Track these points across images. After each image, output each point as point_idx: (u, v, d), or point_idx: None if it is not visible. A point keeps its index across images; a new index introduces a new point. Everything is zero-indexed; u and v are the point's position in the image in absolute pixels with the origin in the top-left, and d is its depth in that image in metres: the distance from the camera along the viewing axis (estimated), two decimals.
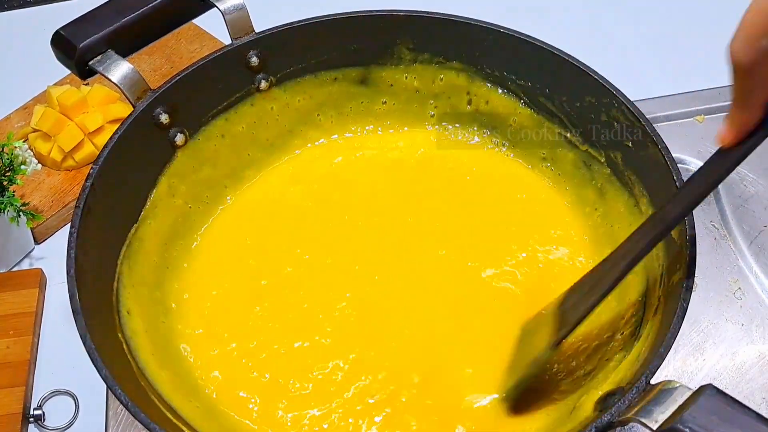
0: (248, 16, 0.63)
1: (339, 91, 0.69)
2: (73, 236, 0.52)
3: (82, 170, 0.78)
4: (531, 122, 0.67)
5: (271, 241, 0.64)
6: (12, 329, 0.67)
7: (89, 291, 0.52)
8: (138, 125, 0.59)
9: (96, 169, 0.56)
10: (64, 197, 0.76)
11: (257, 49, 0.64)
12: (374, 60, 0.68)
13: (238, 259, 0.63)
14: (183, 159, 0.63)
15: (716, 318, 0.66)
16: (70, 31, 0.58)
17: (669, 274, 0.53)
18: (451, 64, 0.67)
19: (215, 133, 0.65)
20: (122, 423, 0.61)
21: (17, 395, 0.63)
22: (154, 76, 0.85)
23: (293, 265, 0.62)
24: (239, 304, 0.61)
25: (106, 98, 0.78)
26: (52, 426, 0.63)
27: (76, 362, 0.54)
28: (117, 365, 0.50)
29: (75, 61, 0.57)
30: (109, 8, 0.60)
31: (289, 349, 0.58)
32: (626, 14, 0.94)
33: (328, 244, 0.64)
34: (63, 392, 0.65)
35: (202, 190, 0.66)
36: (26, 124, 0.80)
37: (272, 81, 0.66)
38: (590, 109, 0.62)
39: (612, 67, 0.63)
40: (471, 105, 0.69)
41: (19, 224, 0.70)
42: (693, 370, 0.63)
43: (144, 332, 0.57)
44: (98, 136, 0.77)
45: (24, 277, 0.71)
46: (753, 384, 0.63)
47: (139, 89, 0.59)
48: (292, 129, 0.69)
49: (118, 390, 0.46)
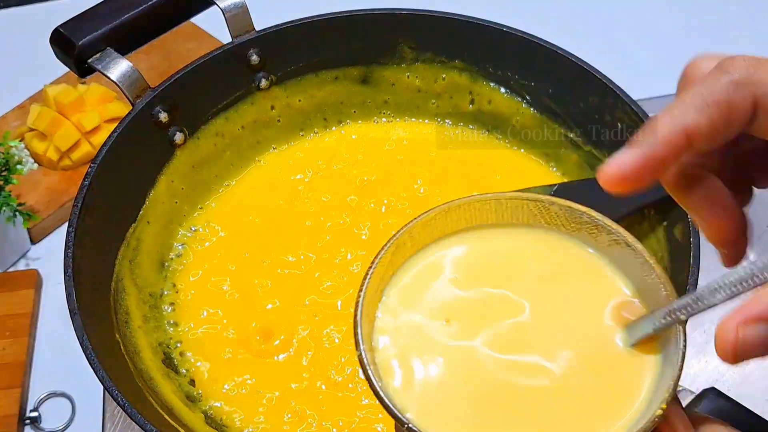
0: (248, 14, 0.62)
1: (340, 90, 0.68)
2: (71, 235, 0.52)
3: (78, 170, 0.77)
4: (534, 122, 0.66)
5: (271, 240, 0.64)
6: (8, 330, 0.66)
7: (87, 291, 0.51)
8: (137, 124, 0.59)
9: (94, 168, 0.55)
10: (61, 197, 0.75)
11: (258, 48, 0.63)
12: (375, 59, 0.67)
13: (239, 259, 0.63)
14: (182, 158, 0.63)
15: (719, 319, 0.66)
16: (70, 28, 0.58)
17: (673, 275, 0.52)
18: (453, 63, 0.67)
19: (215, 131, 0.65)
20: (119, 425, 0.61)
21: (13, 397, 0.62)
22: (152, 74, 0.84)
23: (296, 263, 0.62)
24: (240, 303, 0.60)
25: (103, 97, 0.78)
26: (48, 428, 0.63)
27: (73, 364, 0.54)
28: (114, 366, 0.49)
29: (74, 58, 0.57)
30: (109, 6, 0.59)
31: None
32: (629, 13, 0.94)
33: (329, 243, 0.63)
34: (59, 394, 0.64)
35: (202, 189, 0.65)
36: (22, 124, 0.80)
37: (273, 79, 0.66)
38: (594, 109, 0.61)
39: (615, 66, 0.62)
40: (473, 104, 0.68)
41: (16, 224, 0.69)
42: (695, 372, 0.63)
43: (142, 333, 0.56)
44: (95, 135, 0.76)
45: (20, 277, 0.70)
46: (756, 386, 0.62)
47: (138, 87, 0.58)
48: (292, 128, 0.69)
49: (115, 391, 0.46)
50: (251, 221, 0.65)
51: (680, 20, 0.92)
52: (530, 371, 0.35)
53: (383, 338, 0.36)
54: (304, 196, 0.67)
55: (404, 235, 0.37)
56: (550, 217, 0.38)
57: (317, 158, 0.69)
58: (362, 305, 0.35)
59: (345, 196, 0.66)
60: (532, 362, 0.35)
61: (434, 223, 0.38)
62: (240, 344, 0.58)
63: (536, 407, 0.34)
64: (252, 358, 0.57)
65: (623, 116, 0.59)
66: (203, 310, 0.60)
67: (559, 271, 0.38)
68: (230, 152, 0.67)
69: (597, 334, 0.36)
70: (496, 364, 0.35)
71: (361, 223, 0.64)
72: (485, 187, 0.66)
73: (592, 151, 0.63)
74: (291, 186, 0.67)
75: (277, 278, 0.61)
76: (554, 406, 0.34)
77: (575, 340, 0.36)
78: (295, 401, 0.55)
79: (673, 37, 0.90)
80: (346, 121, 0.71)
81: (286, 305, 0.60)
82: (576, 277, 0.38)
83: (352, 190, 0.66)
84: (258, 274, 0.62)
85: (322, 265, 0.62)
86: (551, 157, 0.67)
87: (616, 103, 0.59)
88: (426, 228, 0.38)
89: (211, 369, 0.57)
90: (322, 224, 0.64)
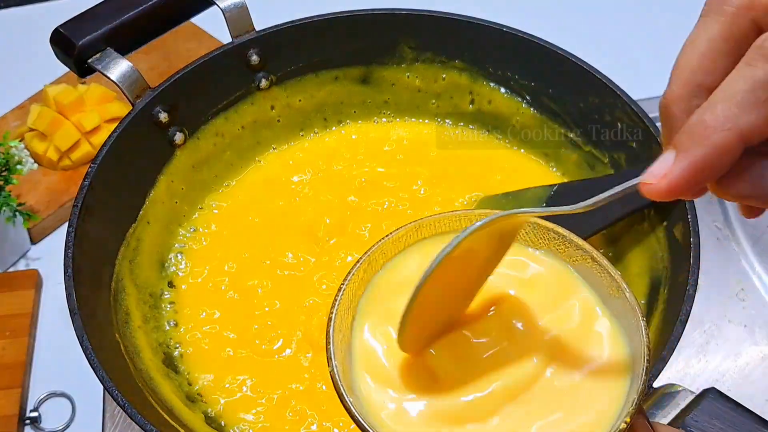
0: (248, 14, 0.62)
1: (340, 90, 0.68)
2: (71, 235, 0.52)
3: (78, 170, 0.77)
4: (534, 122, 0.66)
5: (271, 240, 0.63)
6: (8, 330, 0.66)
7: (87, 291, 0.51)
8: (137, 124, 0.59)
9: (95, 168, 0.55)
10: (61, 197, 0.75)
11: (258, 48, 0.63)
12: (376, 59, 0.67)
13: (238, 259, 0.63)
14: (182, 158, 0.63)
15: (719, 319, 0.66)
16: (70, 28, 0.58)
17: (674, 275, 0.52)
18: (453, 63, 0.67)
19: (215, 131, 0.65)
20: (119, 425, 0.61)
21: (13, 397, 0.62)
22: (152, 74, 0.84)
23: (296, 264, 0.62)
24: (240, 304, 0.60)
25: (103, 97, 0.78)
26: (48, 428, 0.63)
27: (73, 364, 0.54)
28: (114, 366, 0.49)
29: (74, 58, 0.57)
30: (109, 6, 0.59)
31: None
32: (629, 13, 0.94)
33: (329, 244, 0.63)
34: (59, 394, 0.64)
35: (202, 189, 0.65)
36: (22, 124, 0.80)
37: (273, 80, 0.66)
38: (594, 109, 0.61)
39: (615, 66, 0.62)
40: (473, 104, 0.68)
41: (16, 224, 0.69)
42: (696, 372, 0.63)
43: (142, 333, 0.56)
44: (95, 135, 0.76)
45: (20, 277, 0.70)
46: (756, 385, 0.62)
47: (139, 88, 0.58)
48: (292, 128, 0.69)
49: (115, 391, 0.46)
50: (251, 221, 0.65)
51: (680, 20, 0.92)
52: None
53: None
54: (304, 196, 0.66)
55: (376, 252, 0.38)
56: (522, 233, 0.39)
57: (317, 158, 0.69)
58: (334, 322, 0.36)
59: (345, 196, 0.66)
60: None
61: (405, 239, 0.39)
62: (240, 344, 0.58)
63: (507, 407, 0.35)
64: (252, 358, 0.57)
65: (623, 116, 0.59)
66: (203, 311, 0.60)
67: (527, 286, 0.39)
68: (230, 152, 0.67)
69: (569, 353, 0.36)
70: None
71: (362, 223, 0.64)
72: (485, 187, 0.66)
73: (592, 151, 0.63)
74: (291, 186, 0.67)
75: (277, 279, 0.61)
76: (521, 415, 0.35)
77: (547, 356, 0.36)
78: (295, 401, 0.55)
79: (673, 37, 0.90)
80: (346, 121, 0.71)
81: (286, 306, 0.60)
82: (545, 290, 0.38)
83: (352, 190, 0.66)
84: (258, 275, 0.62)
85: (322, 266, 0.62)
86: (551, 157, 0.67)
87: (616, 103, 0.59)
88: (397, 244, 0.39)
89: (211, 369, 0.57)
90: (322, 224, 0.64)
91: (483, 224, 0.33)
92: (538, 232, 0.39)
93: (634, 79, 0.64)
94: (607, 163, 0.62)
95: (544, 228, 0.38)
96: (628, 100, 0.58)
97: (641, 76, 0.83)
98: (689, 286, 0.49)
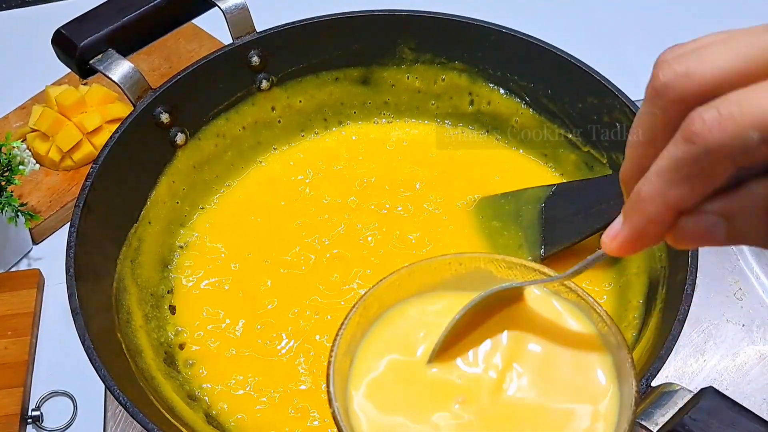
0: (249, 16, 0.63)
1: (340, 90, 0.69)
2: (73, 235, 0.52)
3: (80, 170, 0.77)
4: (533, 123, 0.66)
5: (272, 240, 0.64)
6: (10, 330, 0.67)
7: (88, 291, 0.52)
8: (138, 124, 0.59)
9: (96, 168, 0.55)
10: (63, 197, 0.76)
11: (258, 49, 0.64)
12: (376, 60, 0.68)
13: (240, 259, 0.63)
14: (183, 158, 0.63)
15: (717, 319, 0.66)
16: (71, 29, 0.58)
17: (672, 275, 0.53)
18: (453, 64, 0.67)
19: (216, 132, 0.65)
20: (121, 424, 0.61)
21: (15, 396, 0.63)
22: (153, 75, 0.84)
23: (297, 263, 0.62)
24: (241, 303, 0.60)
25: (105, 98, 0.78)
26: (50, 427, 0.63)
27: (75, 363, 0.54)
28: (115, 365, 0.49)
29: (75, 60, 0.57)
30: (110, 7, 0.60)
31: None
32: (629, 14, 0.94)
33: (330, 244, 0.63)
34: (61, 393, 0.65)
35: (203, 189, 0.65)
36: (24, 124, 0.80)
37: (273, 80, 0.66)
38: (592, 109, 0.62)
39: (615, 66, 0.63)
40: (473, 105, 0.69)
41: (17, 224, 0.69)
42: (694, 371, 0.63)
43: (143, 332, 0.56)
44: (97, 136, 0.77)
45: (22, 277, 0.70)
46: (754, 385, 0.63)
47: (140, 88, 0.59)
48: (293, 128, 0.69)
49: (116, 390, 0.46)
50: (252, 221, 0.65)
51: (680, 20, 0.92)
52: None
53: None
54: (304, 196, 0.67)
55: (370, 298, 0.40)
56: (512, 272, 0.41)
57: (318, 159, 0.69)
58: (334, 364, 0.37)
59: (346, 196, 0.66)
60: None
61: (399, 283, 0.41)
62: (241, 343, 0.58)
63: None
64: (254, 357, 0.57)
65: (622, 116, 0.59)
66: (204, 310, 0.60)
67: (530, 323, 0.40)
68: (231, 153, 0.67)
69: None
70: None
71: (362, 224, 0.64)
72: (485, 187, 0.66)
73: (590, 152, 0.64)
74: (292, 186, 0.67)
75: (279, 278, 0.61)
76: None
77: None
78: (297, 399, 0.55)
79: (673, 38, 0.90)
80: (346, 122, 0.71)
81: (288, 305, 0.60)
82: (546, 329, 0.40)
83: (352, 191, 0.67)
84: (259, 274, 0.62)
85: (322, 266, 0.62)
86: (550, 157, 0.67)
87: (615, 103, 0.59)
88: (390, 288, 0.41)
89: (213, 368, 0.57)
90: (323, 224, 0.64)
91: (478, 300, 0.37)
92: (527, 271, 0.40)
93: (633, 79, 0.64)
94: (606, 164, 0.62)
95: (531, 269, 0.40)
96: (626, 101, 0.59)
97: (640, 77, 0.83)
98: (687, 286, 0.49)
